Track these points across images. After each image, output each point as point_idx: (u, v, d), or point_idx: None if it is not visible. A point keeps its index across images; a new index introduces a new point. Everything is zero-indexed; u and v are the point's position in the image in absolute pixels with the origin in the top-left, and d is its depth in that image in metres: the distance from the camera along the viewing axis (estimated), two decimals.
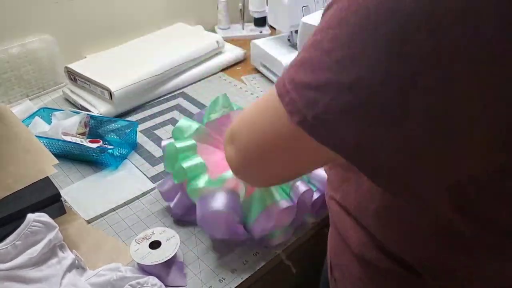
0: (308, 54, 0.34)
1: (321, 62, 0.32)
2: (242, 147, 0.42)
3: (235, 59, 1.22)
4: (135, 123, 0.90)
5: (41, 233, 0.60)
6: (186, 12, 1.34)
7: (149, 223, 0.72)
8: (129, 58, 1.08)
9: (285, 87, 0.35)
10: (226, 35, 1.34)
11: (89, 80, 0.98)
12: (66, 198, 0.75)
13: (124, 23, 1.21)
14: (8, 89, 1.00)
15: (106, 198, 0.76)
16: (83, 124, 0.88)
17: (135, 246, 0.62)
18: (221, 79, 1.16)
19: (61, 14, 1.08)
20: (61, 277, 0.60)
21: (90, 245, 0.68)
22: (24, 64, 1.01)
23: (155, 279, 0.59)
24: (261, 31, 1.37)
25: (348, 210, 0.51)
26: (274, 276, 0.70)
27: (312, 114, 0.32)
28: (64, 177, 0.81)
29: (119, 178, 0.81)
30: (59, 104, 1.03)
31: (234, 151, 0.43)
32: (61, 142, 0.83)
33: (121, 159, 0.85)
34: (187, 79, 1.12)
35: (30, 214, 0.60)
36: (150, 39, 1.19)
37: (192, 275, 0.64)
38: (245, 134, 0.42)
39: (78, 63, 1.04)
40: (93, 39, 1.17)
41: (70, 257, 0.62)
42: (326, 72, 0.31)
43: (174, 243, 0.62)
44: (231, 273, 0.64)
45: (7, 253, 0.58)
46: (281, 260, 0.68)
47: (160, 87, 1.07)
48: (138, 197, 0.77)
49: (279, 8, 1.06)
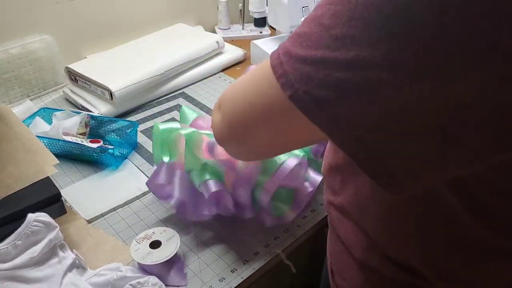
0: (307, 28, 0.33)
1: (319, 37, 0.31)
2: (228, 114, 0.41)
3: (235, 60, 1.22)
4: (136, 123, 0.90)
5: (42, 233, 0.61)
6: (186, 13, 1.35)
7: (149, 223, 0.72)
8: (129, 58, 1.09)
9: (279, 58, 0.34)
10: (226, 36, 1.34)
11: (89, 80, 0.99)
12: (66, 198, 0.75)
13: (124, 23, 1.22)
14: (9, 89, 1.01)
15: (107, 198, 0.77)
16: (84, 124, 0.88)
17: (135, 246, 0.62)
18: (221, 79, 1.16)
19: (61, 14, 1.08)
20: (61, 277, 0.60)
21: (90, 245, 0.68)
22: (25, 64, 1.01)
23: (155, 279, 0.59)
24: (261, 32, 1.37)
25: (348, 215, 0.50)
26: (274, 276, 0.70)
27: (304, 89, 0.31)
28: (64, 177, 0.81)
29: (119, 178, 0.82)
30: (59, 104, 1.03)
31: (220, 117, 0.42)
32: (62, 142, 0.83)
33: (122, 159, 0.85)
34: (187, 79, 1.12)
35: (31, 214, 0.60)
36: (150, 39, 1.19)
37: (192, 275, 0.64)
38: (233, 101, 0.40)
39: (78, 63, 1.04)
40: (94, 39, 1.17)
41: (70, 256, 0.63)
42: (323, 48, 0.31)
43: (175, 243, 0.63)
44: (231, 273, 0.64)
45: (7, 253, 0.58)
46: (281, 260, 0.68)
47: (161, 87, 1.07)
48: (139, 197, 0.77)
49: (279, 8, 1.07)
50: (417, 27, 0.27)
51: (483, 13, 0.25)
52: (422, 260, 0.43)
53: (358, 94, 0.30)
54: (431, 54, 0.27)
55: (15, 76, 1.00)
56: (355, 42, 0.29)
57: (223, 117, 0.42)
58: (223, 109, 0.42)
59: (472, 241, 0.39)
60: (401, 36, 0.27)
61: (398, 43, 0.27)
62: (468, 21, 0.26)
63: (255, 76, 0.38)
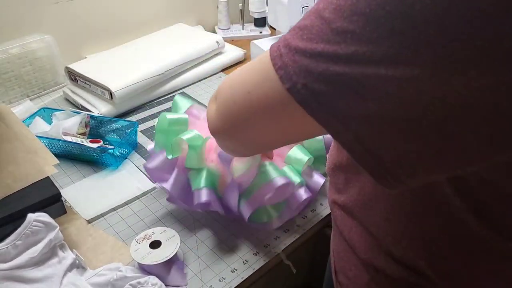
0: (308, 21, 0.32)
1: (320, 31, 0.31)
2: (223, 104, 0.41)
3: (235, 60, 1.22)
4: (136, 123, 0.90)
5: (42, 233, 0.61)
6: (186, 12, 1.35)
7: (149, 222, 0.72)
8: (129, 58, 1.09)
9: (279, 50, 0.34)
10: (226, 36, 1.34)
11: (89, 80, 0.99)
12: (66, 198, 0.75)
13: (124, 23, 1.22)
14: (9, 89, 1.01)
15: (107, 198, 0.77)
16: (84, 124, 0.88)
17: (135, 246, 0.62)
18: (221, 79, 1.16)
19: (61, 14, 1.09)
20: (61, 277, 0.60)
21: (90, 245, 0.68)
22: (25, 64, 1.01)
23: (155, 279, 0.59)
24: (261, 32, 1.37)
25: (352, 214, 0.50)
26: (274, 276, 0.70)
27: (303, 81, 0.31)
28: (64, 177, 0.81)
29: (119, 178, 0.81)
30: (59, 104, 1.03)
31: (215, 108, 0.42)
32: (62, 142, 0.83)
33: (122, 159, 0.85)
34: (187, 79, 1.12)
35: (31, 214, 0.60)
36: (150, 39, 1.19)
37: (192, 275, 0.64)
38: (229, 91, 0.40)
39: (78, 63, 1.04)
40: (93, 39, 1.17)
41: (70, 256, 0.63)
42: (324, 41, 0.30)
43: (175, 242, 0.63)
44: (231, 273, 0.64)
45: (7, 253, 0.58)
46: (281, 260, 0.68)
47: (161, 87, 1.07)
48: (139, 197, 0.77)
49: (279, 8, 1.07)
50: (418, 24, 0.27)
51: (484, 12, 0.25)
52: (426, 260, 0.43)
53: (356, 89, 0.30)
54: (432, 52, 0.27)
55: (15, 76, 1.00)
56: (356, 37, 0.29)
57: (219, 107, 0.41)
58: (219, 99, 0.42)
59: (475, 241, 0.39)
60: (402, 34, 0.27)
61: (399, 40, 0.27)
62: (470, 19, 0.26)
63: (254, 67, 0.38)
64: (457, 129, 0.29)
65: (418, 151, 0.31)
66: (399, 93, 0.29)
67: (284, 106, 0.34)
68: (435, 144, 0.30)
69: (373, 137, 0.31)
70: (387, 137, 0.31)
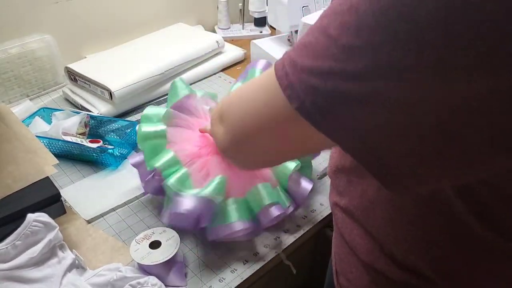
0: (313, 38, 0.32)
1: (326, 48, 0.31)
2: (232, 126, 0.41)
3: (235, 59, 1.22)
4: (135, 123, 0.90)
5: (41, 233, 0.60)
6: (186, 12, 1.34)
7: (149, 223, 0.72)
8: (129, 58, 1.08)
9: (284, 69, 0.34)
10: (226, 35, 1.34)
11: (89, 80, 0.98)
12: (66, 198, 0.75)
13: (124, 23, 1.22)
14: (8, 89, 1.00)
15: (106, 198, 0.77)
16: (83, 124, 0.88)
17: (135, 246, 0.62)
18: (221, 79, 1.16)
19: (61, 14, 1.08)
20: (61, 277, 0.60)
21: (90, 245, 0.68)
22: (24, 64, 1.01)
23: (155, 279, 0.59)
24: (261, 31, 1.37)
25: (353, 216, 0.50)
26: (274, 277, 0.70)
27: (311, 100, 0.31)
28: (64, 177, 0.81)
29: (119, 178, 0.81)
30: (59, 104, 1.03)
31: (224, 130, 0.42)
32: (61, 142, 0.83)
33: (121, 159, 0.85)
34: (187, 79, 1.11)
35: (30, 214, 0.60)
36: (150, 39, 1.19)
37: (192, 275, 0.64)
38: (237, 113, 0.40)
39: (78, 63, 1.04)
40: (93, 39, 1.17)
41: (70, 257, 0.63)
42: (330, 59, 0.30)
43: (174, 243, 0.62)
44: (231, 273, 0.64)
45: (7, 253, 0.58)
46: (281, 260, 0.68)
47: (160, 87, 1.07)
48: (138, 197, 0.77)
49: (279, 8, 1.07)
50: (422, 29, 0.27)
51: (485, 18, 0.25)
52: (427, 263, 0.43)
53: (365, 103, 0.30)
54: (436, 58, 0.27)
55: (14, 76, 1.00)
56: (363, 52, 0.29)
57: (228, 130, 0.42)
58: (226, 122, 0.42)
59: (476, 242, 0.39)
60: (406, 39, 0.27)
61: (402, 45, 0.27)
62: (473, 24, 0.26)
63: (259, 87, 0.38)
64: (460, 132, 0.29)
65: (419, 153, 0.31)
66: (406, 100, 0.29)
67: (293, 124, 0.34)
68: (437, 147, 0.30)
69: (383, 146, 0.32)
70: (396, 144, 0.31)
